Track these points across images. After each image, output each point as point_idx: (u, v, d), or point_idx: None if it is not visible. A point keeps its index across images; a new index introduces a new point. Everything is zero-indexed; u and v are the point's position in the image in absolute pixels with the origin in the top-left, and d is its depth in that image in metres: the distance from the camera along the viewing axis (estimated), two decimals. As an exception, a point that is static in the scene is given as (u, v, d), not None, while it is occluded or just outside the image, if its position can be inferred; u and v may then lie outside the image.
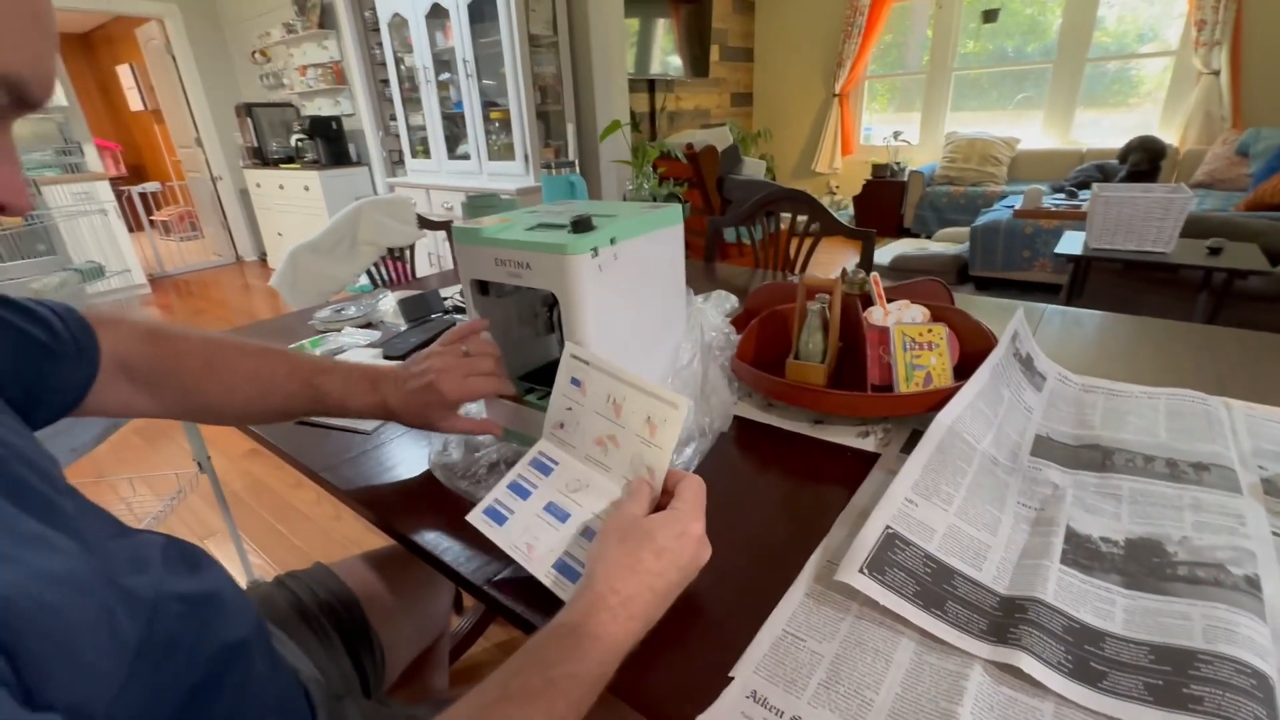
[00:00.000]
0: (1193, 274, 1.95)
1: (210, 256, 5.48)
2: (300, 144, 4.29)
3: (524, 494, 0.52)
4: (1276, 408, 0.69)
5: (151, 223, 5.61)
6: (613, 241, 0.58)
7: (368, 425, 0.79)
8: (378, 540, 0.74)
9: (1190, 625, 0.41)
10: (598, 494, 0.51)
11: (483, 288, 0.68)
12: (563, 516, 0.50)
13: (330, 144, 4.25)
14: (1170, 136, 4.18)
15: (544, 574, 0.47)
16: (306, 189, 4.24)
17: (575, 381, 0.54)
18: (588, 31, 2.79)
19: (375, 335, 1.09)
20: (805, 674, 0.41)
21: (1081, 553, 0.49)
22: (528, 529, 0.49)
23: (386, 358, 0.91)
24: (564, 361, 0.55)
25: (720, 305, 0.84)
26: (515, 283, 0.60)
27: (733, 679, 0.41)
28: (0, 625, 0.27)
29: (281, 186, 4.47)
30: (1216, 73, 3.91)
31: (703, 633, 0.45)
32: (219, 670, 0.40)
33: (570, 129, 1.75)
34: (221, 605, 0.43)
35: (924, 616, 0.43)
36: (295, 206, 4.44)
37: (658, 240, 0.65)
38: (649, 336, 0.67)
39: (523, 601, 0.48)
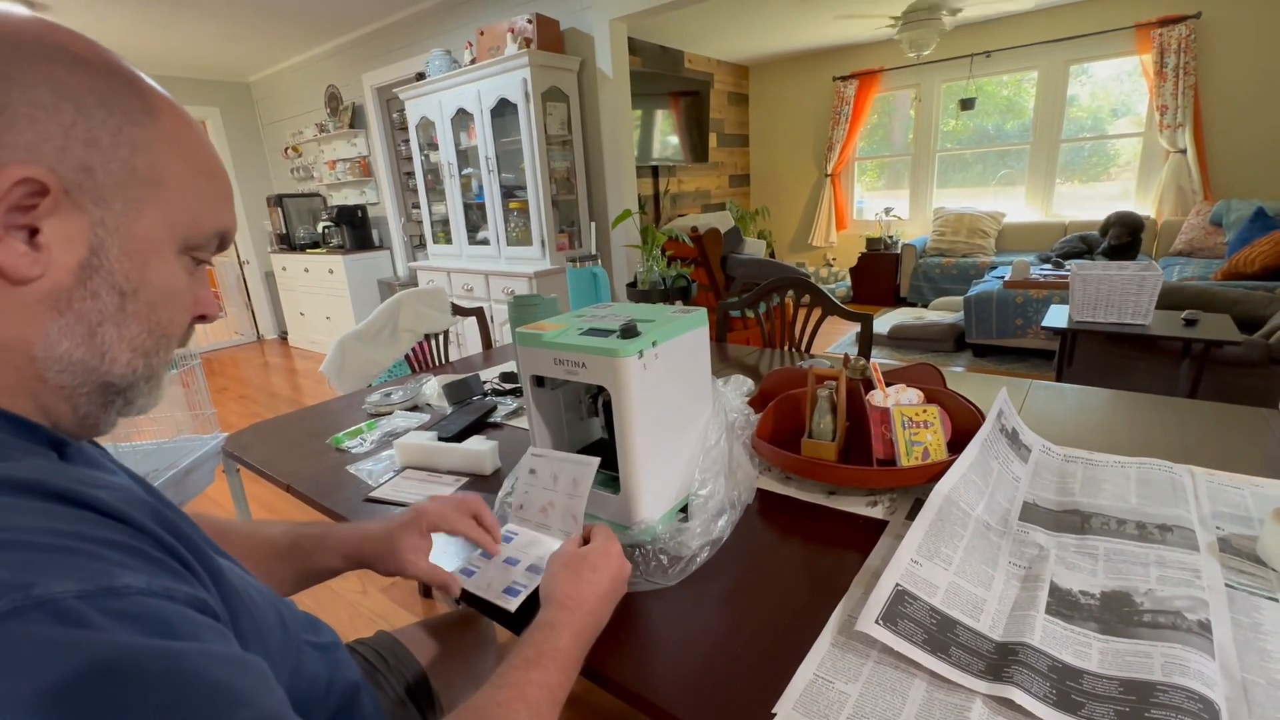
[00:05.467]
0: (1174, 342, 2.07)
1: (232, 335, 5.68)
2: (326, 230, 4.57)
3: (489, 557, 0.70)
4: (1235, 474, 0.79)
5: (178, 304, 5.84)
6: (654, 344, 0.70)
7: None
8: (402, 614, 0.83)
9: (1151, 662, 0.49)
10: (540, 547, 0.71)
11: (539, 381, 0.80)
12: (514, 563, 0.69)
13: (355, 230, 4.53)
14: (1147, 208, 4.43)
15: (495, 596, 0.64)
16: (331, 272, 4.49)
17: (533, 471, 0.75)
18: (599, 131, 3.07)
19: (424, 418, 1.20)
20: (836, 710, 0.49)
21: (1063, 604, 0.57)
22: (490, 575, 0.67)
23: (441, 439, 1.02)
24: (525, 460, 0.76)
25: (739, 388, 0.95)
26: (570, 378, 0.72)
27: (775, 715, 0.49)
28: (226, 600, 0.38)
29: (306, 270, 4.73)
30: (1183, 151, 4.19)
31: (746, 676, 0.53)
32: (349, 702, 0.50)
33: (593, 226, 1.93)
34: (342, 653, 0.54)
35: (932, 660, 0.52)
36: (319, 288, 4.68)
37: (688, 340, 0.77)
38: (682, 419, 0.78)
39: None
